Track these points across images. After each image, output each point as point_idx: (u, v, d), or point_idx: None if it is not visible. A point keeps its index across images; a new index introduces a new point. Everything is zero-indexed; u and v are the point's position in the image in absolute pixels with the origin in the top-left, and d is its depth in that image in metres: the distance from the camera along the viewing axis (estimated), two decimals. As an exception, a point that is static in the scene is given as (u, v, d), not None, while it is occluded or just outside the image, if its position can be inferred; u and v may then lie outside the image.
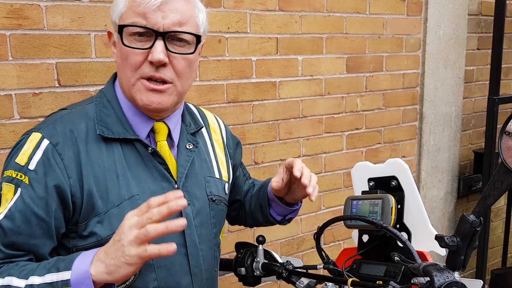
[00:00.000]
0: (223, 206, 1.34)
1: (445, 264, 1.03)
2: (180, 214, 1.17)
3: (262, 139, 2.21)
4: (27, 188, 1.04)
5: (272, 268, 1.34)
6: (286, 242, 2.39)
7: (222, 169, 1.35)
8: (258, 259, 1.38)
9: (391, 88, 2.65)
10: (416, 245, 1.17)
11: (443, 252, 1.13)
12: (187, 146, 1.24)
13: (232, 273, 1.45)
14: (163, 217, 0.91)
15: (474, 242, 1.00)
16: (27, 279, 0.97)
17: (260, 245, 1.39)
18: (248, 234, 2.23)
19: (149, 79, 1.11)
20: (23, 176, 1.05)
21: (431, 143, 2.88)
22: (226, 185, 1.36)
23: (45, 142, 1.07)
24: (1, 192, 1.06)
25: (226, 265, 1.45)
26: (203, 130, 1.36)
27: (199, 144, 1.28)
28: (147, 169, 1.15)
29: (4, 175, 1.08)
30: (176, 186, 1.19)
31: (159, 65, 1.09)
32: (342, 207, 1.37)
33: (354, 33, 2.43)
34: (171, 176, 1.18)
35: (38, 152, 1.06)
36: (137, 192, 1.13)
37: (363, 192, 1.37)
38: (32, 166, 1.05)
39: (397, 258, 1.15)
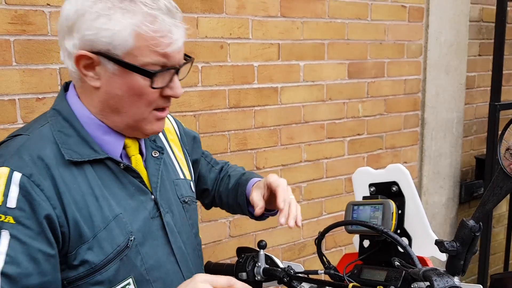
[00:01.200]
0: (194, 204, 1.34)
1: (445, 269, 1.03)
2: (162, 224, 1.16)
3: (263, 145, 2.22)
4: (16, 228, 0.95)
5: (273, 273, 1.34)
6: (287, 247, 2.40)
7: (184, 169, 1.34)
8: (260, 264, 1.39)
9: (393, 94, 2.66)
10: (417, 250, 1.17)
11: (443, 257, 1.13)
12: (153, 154, 1.21)
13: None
14: None
15: (474, 247, 1.00)
16: None
17: (262, 250, 1.40)
18: (249, 239, 2.23)
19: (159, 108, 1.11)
20: (4, 217, 0.94)
21: (433, 149, 2.89)
22: (191, 183, 1.35)
23: (17, 175, 0.97)
24: None
25: (228, 270, 1.45)
26: (160, 133, 1.31)
27: (164, 150, 1.25)
28: (123, 186, 1.11)
29: None
30: (152, 197, 1.16)
31: None
32: (343, 212, 1.38)
33: (355, 39, 2.45)
34: (147, 188, 1.16)
35: (13, 187, 0.96)
36: (120, 211, 1.08)
37: (364, 198, 1.38)
38: (12, 204, 0.95)
39: (398, 263, 1.15)
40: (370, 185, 1.37)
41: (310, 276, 1.29)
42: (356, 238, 1.40)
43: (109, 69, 1.03)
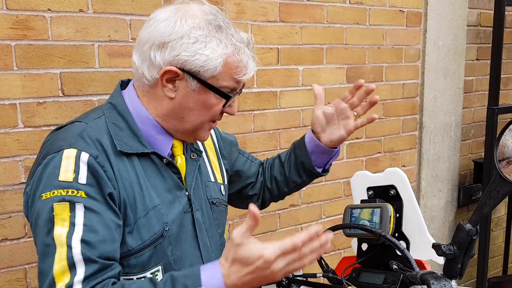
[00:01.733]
0: (223, 207, 1.41)
1: (442, 273, 1.04)
2: (193, 220, 1.25)
3: (263, 148, 2.23)
4: (88, 201, 1.05)
5: (272, 276, 1.35)
6: (286, 250, 2.40)
7: (216, 172, 1.42)
8: (258, 267, 1.39)
9: (391, 98, 2.68)
10: (414, 253, 1.19)
11: (441, 260, 1.14)
12: (191, 156, 1.31)
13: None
14: (312, 251, 1.00)
15: (471, 250, 1.01)
16: None
17: (261, 253, 1.40)
18: (248, 243, 2.24)
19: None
20: (77, 192, 1.04)
21: (431, 152, 2.90)
22: (222, 187, 1.42)
23: (85, 155, 1.07)
24: (53, 213, 1.03)
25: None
26: None
27: (202, 153, 1.35)
28: (163, 179, 1.21)
29: (47, 197, 1.04)
30: (187, 193, 1.25)
31: None
32: (342, 216, 1.39)
33: (354, 43, 2.46)
34: (183, 184, 1.25)
35: (82, 166, 1.06)
36: (158, 202, 1.18)
37: (362, 201, 1.39)
38: (82, 180, 1.06)
39: (396, 267, 1.16)
40: (368, 188, 1.38)
41: (309, 279, 1.30)
42: (354, 241, 1.41)
43: (190, 85, 1.15)
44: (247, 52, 1.17)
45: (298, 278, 1.32)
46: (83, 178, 1.06)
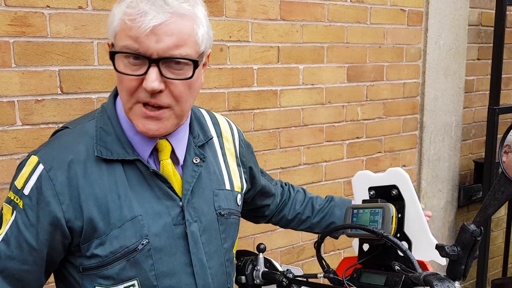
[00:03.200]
0: (234, 219, 1.28)
1: (445, 274, 1.03)
2: (185, 233, 1.13)
3: (263, 147, 2.21)
4: (21, 213, 1.04)
5: (272, 276, 1.34)
6: (286, 250, 2.39)
7: (234, 179, 1.30)
8: (259, 267, 1.38)
9: (392, 97, 2.67)
10: (417, 254, 1.17)
11: (443, 261, 1.12)
12: (194, 161, 1.18)
13: (232, 282, 1.44)
14: None
15: (475, 251, 1.00)
16: None
17: (261, 253, 1.39)
18: (248, 242, 2.23)
19: (146, 104, 1.05)
20: (19, 200, 1.05)
21: (432, 152, 2.89)
22: (239, 196, 1.30)
23: (40, 167, 1.05)
24: (2, 212, 1.08)
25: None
26: (214, 139, 1.29)
27: (206, 158, 1.22)
28: (150, 189, 1.11)
29: (8, 195, 1.09)
30: (180, 203, 1.14)
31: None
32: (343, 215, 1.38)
33: (355, 42, 2.45)
34: (175, 194, 1.14)
35: (33, 177, 1.05)
36: (140, 213, 1.09)
37: (364, 201, 1.37)
38: (26, 191, 1.04)
39: (398, 267, 1.15)
40: (370, 188, 1.37)
41: (309, 279, 1.29)
42: (355, 241, 1.39)
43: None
44: (141, 5, 0.99)
45: (299, 278, 1.31)
46: (28, 189, 1.04)
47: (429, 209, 2.93)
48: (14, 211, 1.05)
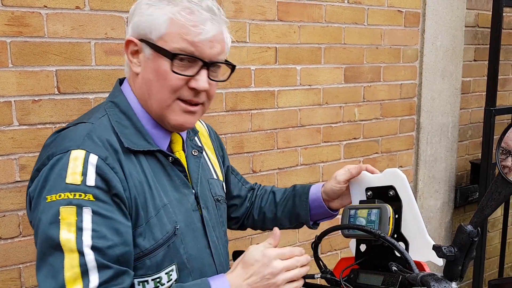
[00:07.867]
0: (225, 204, 1.40)
1: (442, 274, 1.03)
2: (201, 218, 1.24)
3: (260, 148, 2.22)
4: (96, 204, 1.01)
5: (269, 277, 1.34)
6: (283, 251, 2.39)
7: (217, 170, 1.41)
8: (256, 268, 1.38)
9: (389, 98, 2.67)
10: (414, 255, 1.17)
11: (440, 262, 1.13)
12: (193, 153, 1.29)
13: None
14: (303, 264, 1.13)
15: (472, 252, 1.00)
16: None
17: (258, 254, 1.39)
18: (245, 243, 2.23)
19: (184, 100, 1.14)
20: (84, 195, 1.00)
21: (428, 153, 2.90)
22: (223, 184, 1.43)
23: (93, 157, 1.03)
24: (59, 217, 0.99)
25: (224, 274, 1.45)
26: (197, 135, 1.39)
27: (202, 150, 1.33)
28: (170, 178, 1.18)
29: (52, 199, 1.00)
30: (193, 191, 1.24)
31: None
32: (340, 216, 1.38)
33: (352, 43, 2.45)
34: (189, 182, 1.23)
35: (90, 168, 1.02)
36: (167, 201, 1.15)
37: (361, 202, 1.38)
38: (91, 183, 1.01)
39: (395, 268, 1.15)
40: (367, 189, 1.37)
41: (306, 280, 1.28)
42: (352, 242, 1.40)
43: (146, 54, 1.12)
44: (204, 14, 1.09)
45: (296, 279, 1.31)
46: (91, 180, 1.01)
47: (426, 209, 2.94)
48: (83, 208, 0.99)
